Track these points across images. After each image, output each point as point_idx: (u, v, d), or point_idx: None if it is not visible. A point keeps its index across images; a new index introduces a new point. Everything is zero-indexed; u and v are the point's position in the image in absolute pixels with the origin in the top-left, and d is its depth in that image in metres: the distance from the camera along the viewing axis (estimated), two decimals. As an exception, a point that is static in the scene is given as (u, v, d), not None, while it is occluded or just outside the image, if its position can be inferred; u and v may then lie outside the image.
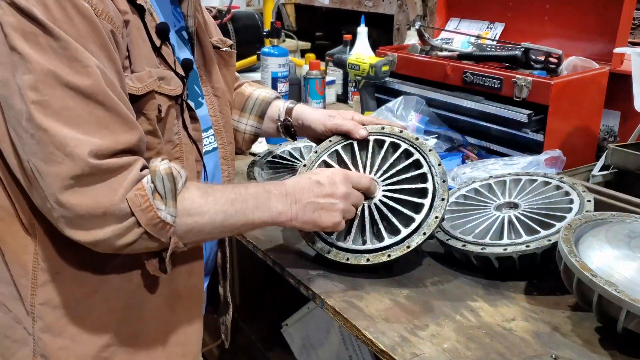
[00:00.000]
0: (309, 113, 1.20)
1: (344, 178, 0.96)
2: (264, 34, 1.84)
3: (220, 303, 1.09)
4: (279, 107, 1.23)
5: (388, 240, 0.99)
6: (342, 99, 2.23)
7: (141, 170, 0.79)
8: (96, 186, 0.74)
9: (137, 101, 0.82)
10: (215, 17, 2.38)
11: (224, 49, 1.09)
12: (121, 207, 0.75)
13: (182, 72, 0.90)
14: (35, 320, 0.84)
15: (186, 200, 0.81)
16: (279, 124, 1.23)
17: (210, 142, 1.02)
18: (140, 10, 0.84)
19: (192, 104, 0.94)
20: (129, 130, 0.77)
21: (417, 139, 1.11)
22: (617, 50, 1.28)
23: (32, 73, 0.71)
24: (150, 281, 0.89)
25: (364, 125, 1.14)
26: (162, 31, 0.87)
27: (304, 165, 1.13)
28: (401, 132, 1.13)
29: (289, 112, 1.22)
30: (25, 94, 0.71)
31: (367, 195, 1.03)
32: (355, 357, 1.23)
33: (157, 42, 0.86)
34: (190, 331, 0.96)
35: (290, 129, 1.23)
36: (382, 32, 3.31)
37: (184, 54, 0.97)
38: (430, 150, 1.08)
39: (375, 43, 2.73)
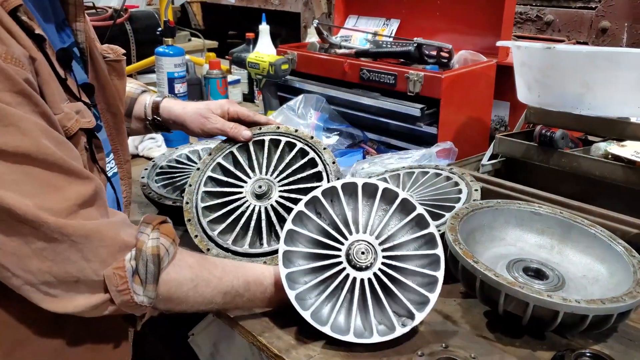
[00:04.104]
0: (180, 110, 1.13)
1: None
2: (157, 33, 1.77)
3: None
4: (144, 104, 1.15)
5: (284, 241, 0.98)
6: (249, 98, 2.20)
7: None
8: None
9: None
10: (110, 17, 2.27)
11: (114, 58, 0.97)
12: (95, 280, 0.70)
13: (87, 100, 0.81)
14: None
15: (171, 283, 0.76)
16: (147, 122, 1.15)
17: (111, 167, 0.92)
18: (39, 40, 0.72)
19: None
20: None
21: (312, 137, 1.10)
22: (499, 43, 1.34)
23: None
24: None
25: (239, 117, 1.12)
26: (65, 59, 0.77)
27: (198, 169, 1.09)
28: (296, 131, 1.12)
29: (155, 108, 1.14)
30: None
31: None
32: (262, 360, 1.21)
33: (62, 73, 0.76)
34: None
35: (161, 126, 1.15)
36: (290, 30, 3.32)
37: (79, 74, 0.85)
38: (324, 148, 1.08)
39: (283, 41, 2.70)
